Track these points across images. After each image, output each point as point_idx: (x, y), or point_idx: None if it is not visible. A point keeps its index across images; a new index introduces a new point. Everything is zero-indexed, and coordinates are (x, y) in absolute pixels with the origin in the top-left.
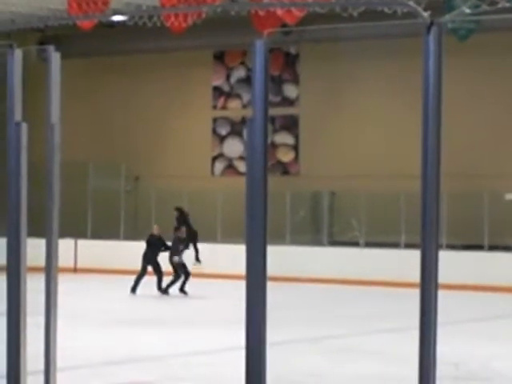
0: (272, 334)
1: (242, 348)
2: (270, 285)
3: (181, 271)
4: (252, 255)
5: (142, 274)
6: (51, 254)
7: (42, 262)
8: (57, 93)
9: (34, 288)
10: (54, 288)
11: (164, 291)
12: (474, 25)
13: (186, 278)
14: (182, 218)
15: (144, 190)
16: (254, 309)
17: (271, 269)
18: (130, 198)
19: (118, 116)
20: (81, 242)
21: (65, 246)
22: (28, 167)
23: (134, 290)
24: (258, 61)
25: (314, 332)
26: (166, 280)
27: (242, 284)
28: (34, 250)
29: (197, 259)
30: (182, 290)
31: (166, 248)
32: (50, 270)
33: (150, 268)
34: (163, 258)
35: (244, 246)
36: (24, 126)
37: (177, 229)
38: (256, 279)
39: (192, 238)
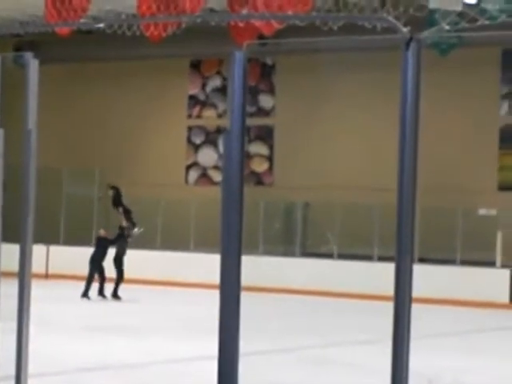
0: (245, 344)
1: (215, 357)
2: (243, 294)
3: (121, 269)
4: (227, 265)
5: (92, 277)
6: (25, 259)
7: (14, 268)
8: (34, 99)
9: (6, 293)
10: (28, 294)
11: (115, 296)
12: (455, 40)
13: (118, 281)
14: (118, 197)
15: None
16: (227, 318)
17: (244, 278)
18: (102, 205)
19: (93, 122)
20: (53, 248)
21: (37, 251)
22: (3, 172)
23: (85, 294)
24: (237, 72)
25: (288, 343)
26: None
27: (215, 293)
28: (7, 255)
29: (134, 226)
30: (101, 293)
31: (113, 242)
32: (24, 276)
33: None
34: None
35: (217, 255)
36: (0, 132)
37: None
38: (230, 289)
39: (128, 215)
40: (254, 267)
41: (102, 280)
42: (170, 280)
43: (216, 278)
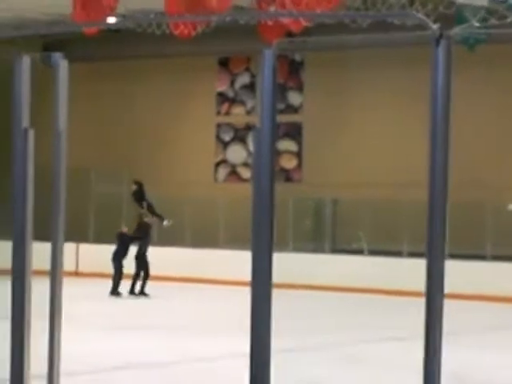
0: (277, 342)
1: (246, 355)
2: (273, 292)
3: (145, 266)
4: (258, 262)
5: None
6: (56, 257)
7: (45, 266)
8: (64, 100)
9: (37, 292)
10: (59, 292)
11: (141, 293)
12: (484, 36)
13: (142, 278)
14: (142, 192)
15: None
16: (259, 316)
17: (275, 276)
18: (132, 204)
19: (121, 121)
20: (82, 246)
21: (67, 250)
22: (33, 172)
23: (114, 292)
24: (267, 69)
25: (320, 340)
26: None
27: (245, 290)
28: (38, 253)
29: (163, 220)
30: (133, 291)
31: (135, 239)
32: (55, 274)
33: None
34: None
35: (247, 252)
36: (31, 133)
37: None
38: (261, 286)
39: (152, 209)
40: (283, 264)
41: (120, 279)
42: (200, 277)
43: (246, 276)
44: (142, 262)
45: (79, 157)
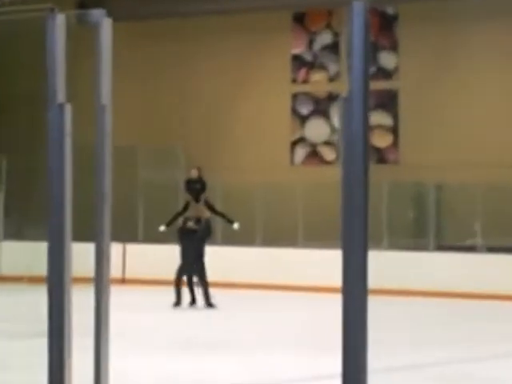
0: (374, 359)
1: (335, 377)
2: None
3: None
4: (350, 263)
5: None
6: (102, 261)
7: (86, 272)
8: (108, 68)
9: (78, 303)
10: (106, 303)
11: (208, 304)
12: None
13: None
14: (203, 181)
15: (207, 184)
16: (352, 328)
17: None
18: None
19: (174, 91)
20: (130, 247)
21: (112, 251)
22: (72, 157)
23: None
24: (357, 25)
25: (423, 356)
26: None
27: (333, 298)
28: (80, 257)
29: (231, 221)
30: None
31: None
32: (101, 282)
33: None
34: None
35: (333, 251)
36: (68, 108)
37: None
38: (355, 292)
39: (211, 207)
40: (378, 264)
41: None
42: (274, 283)
43: (332, 279)
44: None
45: (121, 134)
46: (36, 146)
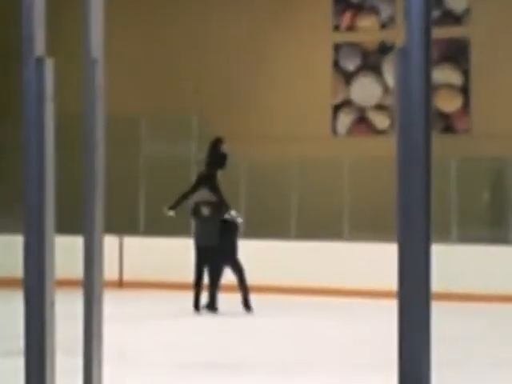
0: (440, 381)
1: None
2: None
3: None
4: (408, 261)
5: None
6: (93, 260)
7: (75, 273)
8: (99, 11)
9: (63, 313)
10: (98, 313)
11: (247, 307)
12: None
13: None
14: (223, 157)
15: (229, 160)
16: (410, 344)
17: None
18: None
19: (185, 47)
20: (129, 241)
21: (106, 246)
22: (56, 128)
23: (211, 306)
24: None
25: (503, 378)
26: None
27: (388, 304)
28: (65, 254)
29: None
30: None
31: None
32: (92, 286)
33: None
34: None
35: (388, 245)
36: (49, 63)
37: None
38: (415, 299)
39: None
40: (445, 261)
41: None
42: (311, 285)
43: (385, 281)
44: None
45: (121, 101)
46: (7, 113)
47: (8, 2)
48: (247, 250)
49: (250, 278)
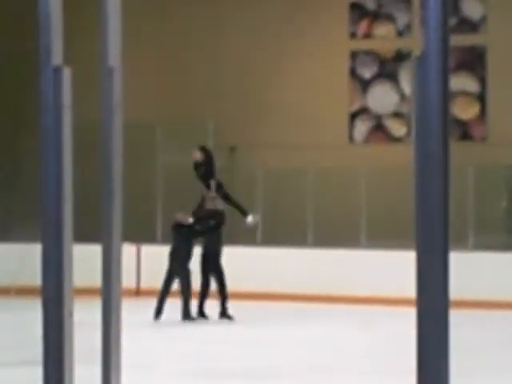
0: None
1: None
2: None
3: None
4: (426, 269)
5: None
6: (110, 268)
7: (93, 282)
8: (117, 20)
9: (81, 321)
10: (116, 322)
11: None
12: None
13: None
14: (211, 164)
15: (243, 167)
16: (429, 352)
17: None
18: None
19: (201, 55)
20: (146, 249)
21: (124, 254)
22: (73, 136)
23: (187, 315)
24: None
25: None
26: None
27: (404, 312)
28: (83, 262)
29: (245, 213)
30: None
31: (201, 233)
32: (110, 294)
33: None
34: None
35: (405, 252)
36: (66, 72)
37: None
38: (433, 306)
39: (225, 194)
40: (461, 269)
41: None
42: (329, 293)
43: (404, 289)
44: (215, 270)
45: (136, 108)
46: (25, 123)
47: (25, 12)
48: (264, 257)
49: (267, 286)
